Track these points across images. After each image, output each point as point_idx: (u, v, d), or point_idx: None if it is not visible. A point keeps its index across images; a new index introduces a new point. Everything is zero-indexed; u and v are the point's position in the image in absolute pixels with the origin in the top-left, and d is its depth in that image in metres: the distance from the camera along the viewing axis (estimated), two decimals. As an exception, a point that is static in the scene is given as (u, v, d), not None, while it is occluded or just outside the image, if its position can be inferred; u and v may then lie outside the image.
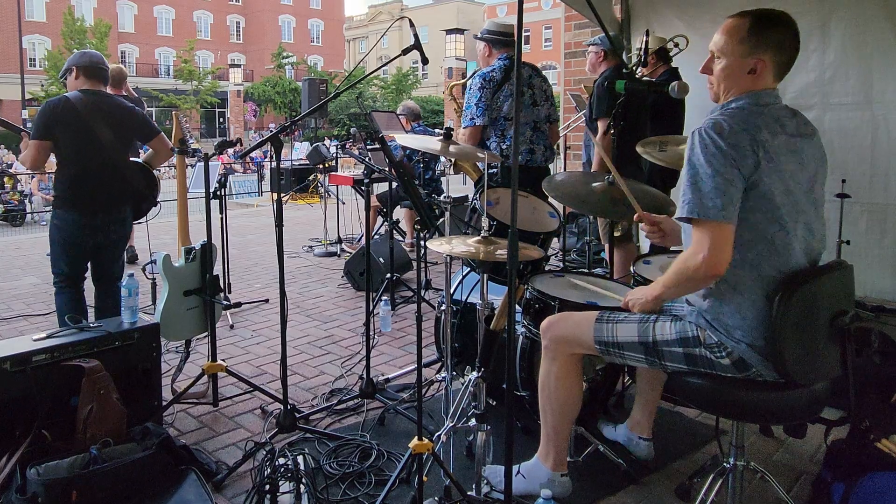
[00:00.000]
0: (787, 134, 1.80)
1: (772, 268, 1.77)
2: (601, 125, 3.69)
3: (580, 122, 5.76)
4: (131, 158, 3.41)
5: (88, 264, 3.34)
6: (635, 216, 2.22)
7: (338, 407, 2.98)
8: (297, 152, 18.39)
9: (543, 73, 4.20)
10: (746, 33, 1.80)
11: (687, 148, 1.78)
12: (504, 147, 3.73)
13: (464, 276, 2.88)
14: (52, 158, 3.27)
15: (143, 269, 5.35)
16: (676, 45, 4.08)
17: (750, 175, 1.73)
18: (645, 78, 3.85)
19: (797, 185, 1.79)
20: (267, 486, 2.12)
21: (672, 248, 2.48)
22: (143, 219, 3.66)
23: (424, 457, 2.07)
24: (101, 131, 3.14)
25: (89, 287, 3.37)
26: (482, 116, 3.75)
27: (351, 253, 5.79)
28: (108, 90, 5.38)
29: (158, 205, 3.76)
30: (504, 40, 3.86)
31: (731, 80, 1.84)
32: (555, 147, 4.26)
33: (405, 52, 2.56)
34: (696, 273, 1.74)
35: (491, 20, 4.00)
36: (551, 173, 4.20)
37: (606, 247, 4.29)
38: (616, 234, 3.83)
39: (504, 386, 2.53)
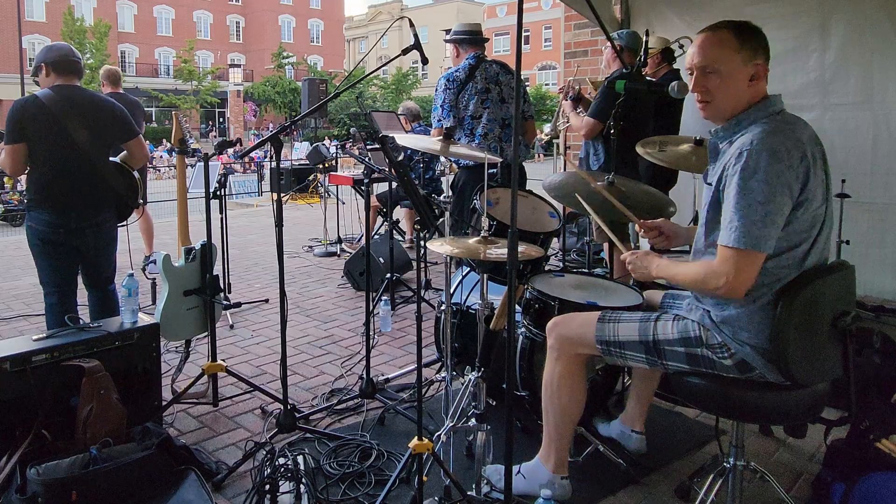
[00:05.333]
0: (810, 140, 1.78)
1: (789, 275, 1.76)
2: (588, 121, 3.75)
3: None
4: (111, 158, 3.18)
5: (75, 273, 3.14)
6: (636, 226, 2.22)
7: (338, 407, 2.98)
8: (297, 152, 18.38)
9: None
10: (738, 43, 1.78)
11: (735, 168, 1.71)
12: (473, 146, 3.75)
13: (464, 276, 2.88)
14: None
15: (144, 270, 5.36)
16: (681, 46, 4.08)
17: (798, 196, 1.70)
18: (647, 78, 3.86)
19: (822, 192, 1.78)
20: (267, 486, 2.12)
21: (672, 249, 2.48)
22: (125, 223, 3.43)
23: (424, 457, 2.07)
24: (75, 130, 2.93)
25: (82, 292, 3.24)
26: (448, 118, 3.82)
27: (351, 253, 5.79)
28: (107, 88, 5.38)
29: (141, 207, 3.53)
30: (470, 39, 3.92)
31: (734, 91, 1.80)
32: (531, 144, 4.30)
33: (405, 52, 2.56)
34: (715, 291, 1.75)
35: (458, 22, 4.05)
36: (526, 171, 4.26)
37: (605, 246, 4.30)
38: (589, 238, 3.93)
39: (504, 386, 2.53)
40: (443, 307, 2.79)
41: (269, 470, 2.20)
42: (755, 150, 1.69)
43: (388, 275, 4.46)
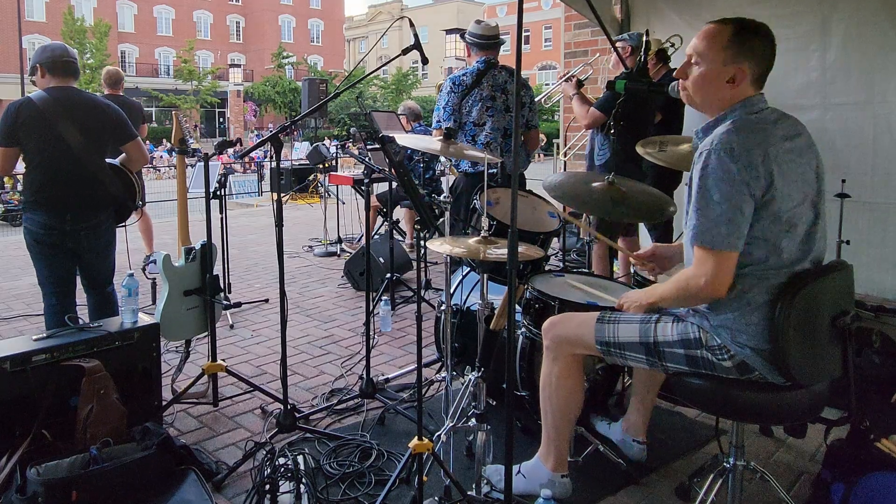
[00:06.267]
0: (786, 138, 1.78)
1: (779, 275, 1.76)
2: (594, 112, 3.81)
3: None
4: (108, 160, 3.13)
5: (73, 274, 3.12)
6: (630, 258, 2.22)
7: (338, 407, 2.98)
8: (297, 152, 18.39)
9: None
10: (728, 40, 1.78)
11: (696, 167, 1.74)
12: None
13: (464, 276, 2.88)
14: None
15: (144, 270, 5.36)
16: (672, 44, 4.09)
17: (762, 196, 1.70)
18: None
19: (803, 190, 1.78)
20: (267, 486, 2.12)
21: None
22: (124, 224, 3.41)
23: (424, 457, 2.07)
24: (68, 132, 2.90)
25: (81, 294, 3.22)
26: (448, 120, 3.81)
27: (351, 253, 5.79)
28: (106, 91, 5.38)
29: (139, 209, 3.46)
30: (482, 44, 3.91)
31: (708, 87, 1.82)
32: (533, 154, 4.31)
33: (405, 52, 2.56)
34: (698, 294, 1.75)
35: (476, 23, 4.03)
36: (526, 179, 4.27)
37: (597, 248, 4.31)
38: (588, 237, 3.98)
39: (504, 386, 2.53)
40: (443, 307, 2.79)
41: (269, 470, 2.19)
42: (714, 149, 1.71)
43: (388, 275, 4.46)
